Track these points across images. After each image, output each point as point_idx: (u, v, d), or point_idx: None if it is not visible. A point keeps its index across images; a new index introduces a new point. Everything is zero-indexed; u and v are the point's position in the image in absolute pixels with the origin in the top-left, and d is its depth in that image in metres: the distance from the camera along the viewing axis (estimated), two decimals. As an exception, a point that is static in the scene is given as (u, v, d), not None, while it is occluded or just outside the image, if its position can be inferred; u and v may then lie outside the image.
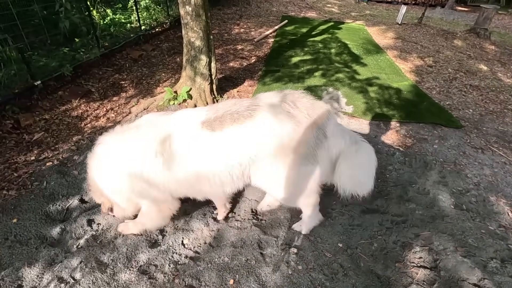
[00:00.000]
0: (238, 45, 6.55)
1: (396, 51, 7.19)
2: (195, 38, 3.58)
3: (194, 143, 1.71)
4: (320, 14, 10.91)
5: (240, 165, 1.74)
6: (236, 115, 1.70)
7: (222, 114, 1.73)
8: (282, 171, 1.74)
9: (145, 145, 1.76)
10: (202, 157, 1.72)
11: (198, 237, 2.16)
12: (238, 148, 1.70)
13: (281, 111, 1.70)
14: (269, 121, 1.68)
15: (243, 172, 1.78)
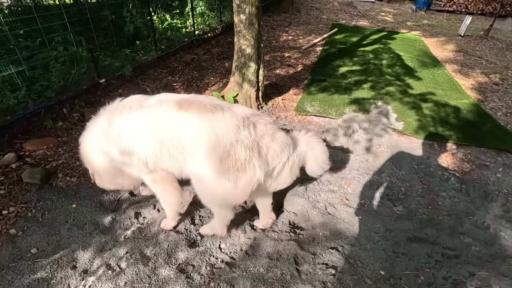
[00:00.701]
0: (286, 53, 6.57)
1: (457, 66, 6.63)
2: (246, 45, 3.66)
3: (161, 116, 1.80)
4: (373, 23, 10.50)
5: (180, 146, 1.79)
6: (203, 105, 1.76)
7: (194, 99, 1.81)
8: (202, 172, 1.76)
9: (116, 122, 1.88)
10: (163, 128, 1.79)
11: (235, 243, 2.19)
12: (185, 130, 1.75)
13: (235, 123, 1.71)
14: (217, 123, 1.71)
15: (182, 154, 1.81)
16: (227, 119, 1.73)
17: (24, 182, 2.58)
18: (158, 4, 5.55)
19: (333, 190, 2.64)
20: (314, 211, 2.42)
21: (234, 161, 1.71)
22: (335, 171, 2.90)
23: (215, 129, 1.70)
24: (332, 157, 3.11)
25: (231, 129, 1.71)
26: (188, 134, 1.75)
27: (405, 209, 2.47)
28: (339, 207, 2.46)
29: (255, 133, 1.76)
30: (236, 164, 1.71)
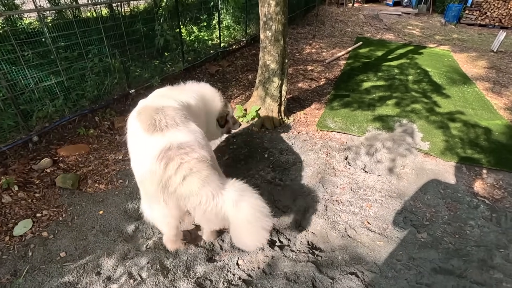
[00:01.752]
0: (309, 66, 6.59)
1: (488, 83, 6.35)
2: (271, 61, 3.72)
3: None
4: (399, 36, 10.31)
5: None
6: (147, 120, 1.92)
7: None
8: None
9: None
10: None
11: (253, 261, 2.19)
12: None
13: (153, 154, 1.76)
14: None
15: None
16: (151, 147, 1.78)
17: (57, 187, 2.74)
18: (187, 17, 5.78)
19: (354, 212, 2.59)
20: (333, 232, 2.39)
21: (145, 190, 1.86)
22: (356, 192, 2.85)
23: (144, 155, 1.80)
24: (354, 176, 3.07)
25: (149, 159, 1.74)
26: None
27: (429, 236, 2.38)
28: (360, 230, 2.41)
29: (165, 170, 1.69)
30: (147, 194, 1.85)
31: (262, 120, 3.92)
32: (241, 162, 3.25)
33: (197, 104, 2.36)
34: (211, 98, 2.61)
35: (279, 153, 3.40)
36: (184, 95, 2.28)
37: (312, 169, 3.16)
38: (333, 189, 2.88)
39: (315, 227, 2.45)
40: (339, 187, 2.91)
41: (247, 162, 3.24)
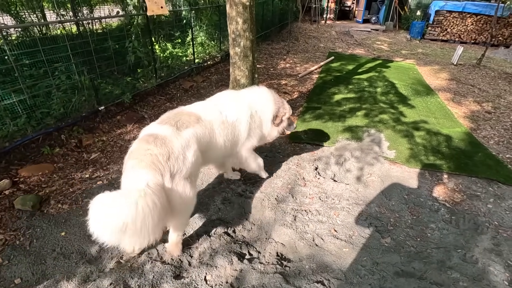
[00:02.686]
0: (283, 80, 6.78)
1: (449, 94, 6.80)
2: (241, 76, 3.82)
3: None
4: (369, 51, 10.88)
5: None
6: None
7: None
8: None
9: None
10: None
11: (221, 275, 2.17)
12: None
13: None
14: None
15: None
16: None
17: (15, 209, 2.61)
18: (160, 34, 5.84)
19: (322, 221, 2.65)
20: (301, 242, 2.42)
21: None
22: (325, 201, 2.92)
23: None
24: (323, 186, 3.15)
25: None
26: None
27: (393, 241, 2.47)
28: (327, 238, 2.46)
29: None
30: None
31: (234, 134, 3.97)
32: (212, 176, 3.25)
33: (250, 112, 2.65)
34: (265, 100, 2.79)
35: (251, 166, 3.44)
36: (236, 105, 2.61)
37: (282, 180, 3.21)
38: (303, 199, 2.93)
39: (284, 238, 2.47)
40: (309, 197, 2.97)
41: (217, 176, 3.24)
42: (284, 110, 2.91)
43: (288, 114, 2.97)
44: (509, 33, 14.23)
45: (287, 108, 2.96)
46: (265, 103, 2.77)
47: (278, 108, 2.84)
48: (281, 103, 2.89)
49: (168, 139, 1.99)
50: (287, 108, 2.96)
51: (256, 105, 2.71)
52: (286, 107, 2.94)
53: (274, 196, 2.94)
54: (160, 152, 1.89)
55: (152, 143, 1.93)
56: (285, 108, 2.92)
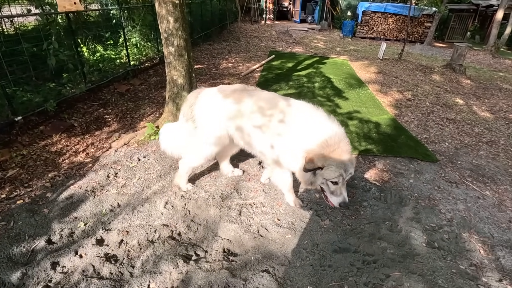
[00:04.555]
0: (225, 79, 6.79)
1: (377, 85, 7.54)
2: (178, 76, 3.72)
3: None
4: (307, 49, 11.49)
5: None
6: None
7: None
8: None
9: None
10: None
11: (166, 281, 2.10)
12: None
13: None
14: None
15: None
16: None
17: None
18: (87, 36, 5.38)
19: (266, 212, 2.72)
20: (247, 235, 2.46)
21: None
22: (268, 193, 3.01)
23: None
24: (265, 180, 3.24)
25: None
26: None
27: (331, 222, 2.65)
28: (271, 228, 2.54)
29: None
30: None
31: (176, 136, 3.86)
32: (153, 181, 3.11)
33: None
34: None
35: (194, 167, 3.38)
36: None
37: (226, 178, 3.22)
38: (247, 194, 2.98)
39: (230, 233, 2.48)
40: (253, 191, 3.03)
41: (159, 180, 3.12)
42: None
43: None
44: (422, 31, 16.29)
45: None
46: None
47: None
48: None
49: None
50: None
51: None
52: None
53: (219, 194, 2.93)
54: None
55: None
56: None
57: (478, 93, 7.91)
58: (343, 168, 2.15)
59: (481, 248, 2.55)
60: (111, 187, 2.97)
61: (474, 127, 5.60)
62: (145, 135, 3.79)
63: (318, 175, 2.22)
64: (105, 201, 2.78)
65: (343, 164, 2.14)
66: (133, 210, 2.70)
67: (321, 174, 2.19)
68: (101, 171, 3.19)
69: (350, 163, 2.20)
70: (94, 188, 2.94)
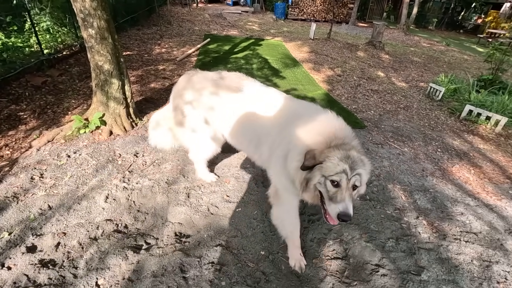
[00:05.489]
0: (160, 65, 6.43)
1: (311, 64, 7.96)
2: (103, 61, 3.40)
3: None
4: (242, 32, 11.45)
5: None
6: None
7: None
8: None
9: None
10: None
11: (116, 274, 2.00)
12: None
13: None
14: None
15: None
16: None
17: None
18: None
19: (215, 191, 2.75)
20: (197, 215, 2.46)
21: None
22: (215, 173, 3.02)
23: None
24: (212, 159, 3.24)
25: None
26: None
27: (278, 191, 2.81)
28: (221, 205, 2.58)
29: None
30: None
31: (110, 127, 3.57)
32: (89, 176, 2.86)
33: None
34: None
35: (135, 156, 3.20)
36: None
37: (171, 163, 3.13)
38: (193, 177, 2.95)
39: (180, 216, 2.46)
40: (200, 173, 3.02)
41: (96, 175, 2.88)
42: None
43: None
44: (347, 12, 17.49)
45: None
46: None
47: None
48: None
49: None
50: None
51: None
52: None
53: (164, 180, 2.84)
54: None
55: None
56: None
57: (395, 66, 8.95)
58: (348, 163, 1.60)
59: (402, 194, 2.99)
60: (38, 189, 2.65)
61: (393, 95, 6.36)
62: (72, 130, 3.42)
63: (316, 170, 1.68)
64: (32, 206, 2.47)
65: (350, 158, 1.61)
66: (68, 210, 2.47)
67: (319, 168, 1.66)
68: (22, 173, 2.81)
69: (360, 160, 1.65)
70: (16, 193, 2.59)
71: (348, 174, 1.60)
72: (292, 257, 2.14)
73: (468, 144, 4.49)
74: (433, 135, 4.64)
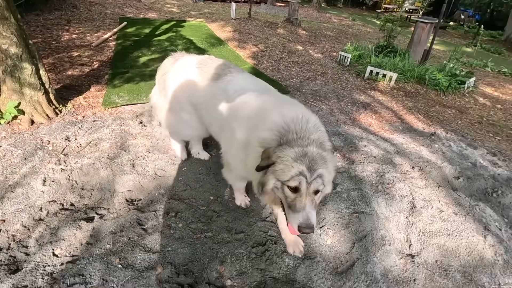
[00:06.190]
0: (74, 52, 5.91)
1: (235, 42, 8.25)
2: (8, 44, 3.10)
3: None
4: (161, 14, 11.00)
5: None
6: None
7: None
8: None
9: None
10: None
11: (72, 243, 2.06)
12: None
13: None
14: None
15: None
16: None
17: None
18: None
19: (160, 158, 2.90)
20: (145, 179, 2.61)
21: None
22: (157, 143, 3.16)
23: None
24: (153, 133, 3.35)
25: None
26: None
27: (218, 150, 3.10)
28: (168, 167, 2.77)
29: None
30: None
31: (30, 115, 3.32)
32: (17, 165, 2.70)
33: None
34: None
35: (67, 141, 3.10)
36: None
37: (110, 141, 3.13)
38: (136, 149, 3.03)
39: (128, 184, 2.57)
40: (141, 146, 3.11)
41: (26, 162, 2.74)
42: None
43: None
44: (263, -8, 17.97)
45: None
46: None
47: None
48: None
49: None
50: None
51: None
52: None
53: (105, 157, 2.87)
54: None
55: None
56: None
57: (311, 40, 9.85)
58: (305, 163, 1.38)
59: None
60: (-43, 186, 2.42)
61: (311, 65, 7.13)
62: (-17, 123, 3.09)
63: (270, 173, 1.46)
64: (-46, 202, 2.28)
65: (307, 157, 1.39)
66: (1, 200, 2.35)
67: (273, 171, 1.44)
68: None
69: (321, 158, 1.41)
70: None
71: (308, 177, 1.37)
72: (238, 198, 2.43)
73: (370, 98, 5.45)
74: (344, 93, 5.48)
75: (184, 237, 2.07)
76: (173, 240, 2.03)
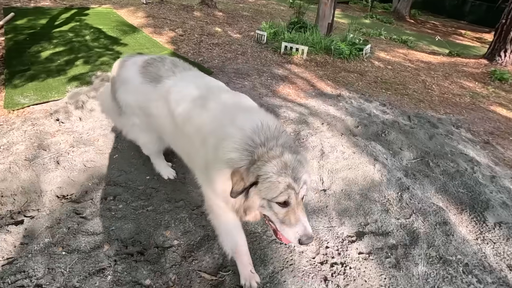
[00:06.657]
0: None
1: (151, 28, 7.91)
2: None
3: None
4: (57, 2, 9.71)
5: None
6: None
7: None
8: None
9: None
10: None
11: (4, 247, 1.99)
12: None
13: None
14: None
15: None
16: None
17: None
18: None
19: (86, 150, 2.85)
20: (75, 173, 2.57)
21: None
22: (81, 137, 3.06)
23: None
24: (73, 128, 3.22)
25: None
26: None
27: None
28: (97, 158, 2.76)
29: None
30: None
31: None
32: None
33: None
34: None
35: (-31, 150, 2.77)
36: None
37: (24, 143, 2.91)
38: (58, 147, 2.90)
39: (57, 180, 2.49)
40: (63, 142, 2.97)
41: None
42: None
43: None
44: (173, -27, 17.03)
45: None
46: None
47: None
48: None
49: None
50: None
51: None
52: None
53: (22, 159, 2.69)
54: None
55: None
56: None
57: (229, 21, 10.00)
58: (289, 174, 1.32)
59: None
60: None
61: (231, 45, 7.35)
62: None
63: (253, 194, 1.37)
64: None
65: (288, 167, 1.33)
66: None
67: (258, 192, 1.35)
68: None
69: (299, 163, 1.37)
70: None
71: (296, 188, 1.32)
72: (243, 275, 1.76)
73: (287, 70, 6.00)
74: (264, 69, 5.90)
75: (126, 215, 2.19)
76: (115, 220, 2.14)
